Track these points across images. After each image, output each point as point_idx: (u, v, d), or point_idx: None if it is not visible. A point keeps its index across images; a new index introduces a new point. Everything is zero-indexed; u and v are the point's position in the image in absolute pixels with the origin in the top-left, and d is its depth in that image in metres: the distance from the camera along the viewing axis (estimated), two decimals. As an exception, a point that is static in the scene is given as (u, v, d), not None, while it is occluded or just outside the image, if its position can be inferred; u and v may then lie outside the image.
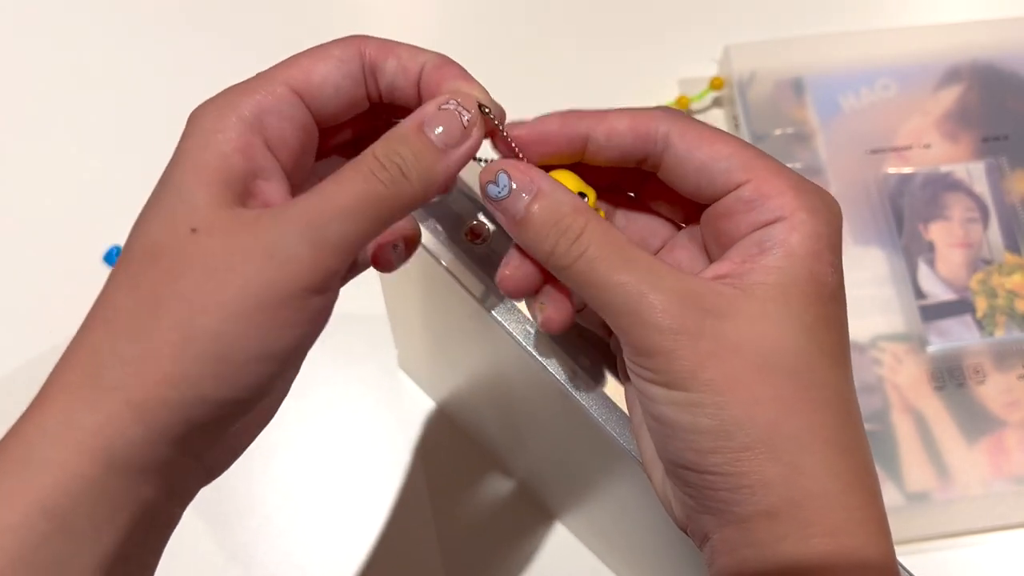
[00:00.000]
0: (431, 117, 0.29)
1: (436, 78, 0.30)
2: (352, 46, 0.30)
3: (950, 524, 0.56)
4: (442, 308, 0.43)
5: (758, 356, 0.27)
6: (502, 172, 0.29)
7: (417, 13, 0.76)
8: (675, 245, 0.33)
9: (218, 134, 0.28)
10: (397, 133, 0.29)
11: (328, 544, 0.56)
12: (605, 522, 0.50)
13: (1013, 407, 0.58)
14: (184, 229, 0.26)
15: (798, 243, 0.28)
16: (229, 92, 0.29)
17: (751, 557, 0.27)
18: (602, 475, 0.41)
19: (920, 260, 0.62)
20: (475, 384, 0.52)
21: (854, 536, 0.27)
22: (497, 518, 0.57)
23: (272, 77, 0.29)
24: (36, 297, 0.63)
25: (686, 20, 0.73)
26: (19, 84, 0.70)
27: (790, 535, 0.27)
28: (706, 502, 0.28)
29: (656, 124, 0.30)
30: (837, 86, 0.67)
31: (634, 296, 0.28)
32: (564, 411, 0.36)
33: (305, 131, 0.30)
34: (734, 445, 0.27)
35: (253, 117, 0.28)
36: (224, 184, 0.27)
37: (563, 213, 0.29)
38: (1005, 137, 0.66)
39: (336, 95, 0.30)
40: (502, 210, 0.30)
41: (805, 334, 0.28)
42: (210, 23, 0.73)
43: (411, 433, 0.59)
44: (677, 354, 0.27)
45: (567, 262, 0.29)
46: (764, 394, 0.27)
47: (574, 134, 0.30)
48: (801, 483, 0.27)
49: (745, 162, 0.29)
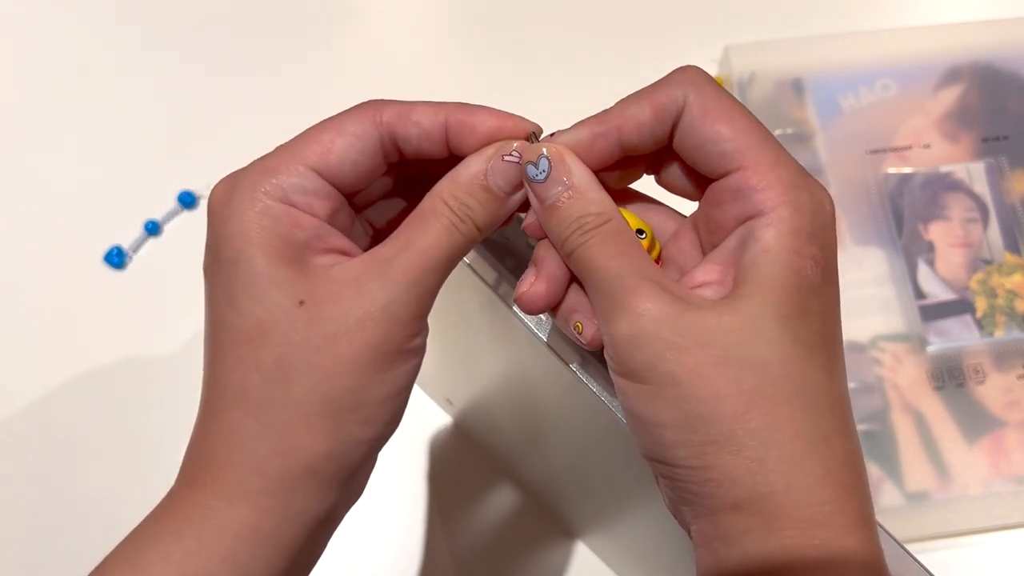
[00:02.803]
0: (494, 169, 0.30)
1: (467, 132, 0.31)
2: (367, 118, 0.30)
3: (950, 524, 0.56)
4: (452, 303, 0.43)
5: (723, 348, 0.27)
6: (544, 158, 0.30)
7: (418, 14, 0.76)
8: (681, 234, 0.33)
9: (266, 214, 0.29)
10: (463, 184, 0.30)
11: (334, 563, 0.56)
12: (633, 539, 0.48)
13: (1013, 407, 0.58)
14: (289, 303, 0.28)
15: (775, 239, 0.28)
16: (251, 171, 0.30)
17: (721, 550, 0.28)
18: (624, 479, 0.40)
19: (920, 260, 0.62)
20: (489, 389, 0.51)
21: (825, 529, 0.27)
22: (513, 536, 0.57)
23: (292, 156, 0.30)
24: (36, 297, 0.63)
25: (686, 20, 0.73)
26: (19, 84, 0.70)
27: (756, 528, 0.27)
28: (680, 494, 0.28)
29: (673, 95, 0.30)
30: (837, 86, 0.67)
31: (614, 278, 0.29)
32: (579, 405, 0.36)
33: (331, 199, 0.30)
34: (697, 439, 0.27)
35: (283, 195, 0.29)
36: (299, 257, 0.29)
37: (589, 213, 0.30)
38: (1005, 137, 0.66)
39: (354, 170, 0.30)
40: (534, 191, 0.30)
41: (780, 325, 0.28)
42: (210, 23, 0.73)
43: (422, 446, 0.58)
44: (639, 341, 0.28)
45: (573, 248, 0.30)
46: (727, 388, 0.27)
47: (607, 142, 0.31)
48: (765, 477, 0.27)
49: (742, 149, 0.29)
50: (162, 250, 0.65)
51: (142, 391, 0.60)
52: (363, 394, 0.29)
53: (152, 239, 0.65)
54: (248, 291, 0.29)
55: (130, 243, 0.64)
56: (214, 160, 0.66)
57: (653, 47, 0.71)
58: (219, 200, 0.30)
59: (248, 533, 0.28)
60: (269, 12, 0.73)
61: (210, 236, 0.30)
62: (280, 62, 0.71)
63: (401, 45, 0.74)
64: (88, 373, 0.60)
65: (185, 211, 0.66)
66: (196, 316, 0.61)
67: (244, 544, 0.28)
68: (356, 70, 0.71)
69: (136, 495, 0.31)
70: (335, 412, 0.29)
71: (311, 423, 0.28)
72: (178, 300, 0.63)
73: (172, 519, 0.29)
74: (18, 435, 0.59)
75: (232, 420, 0.29)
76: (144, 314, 0.63)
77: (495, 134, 0.30)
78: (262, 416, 0.28)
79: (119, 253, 0.63)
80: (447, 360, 0.53)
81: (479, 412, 0.56)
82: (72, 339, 0.61)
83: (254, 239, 0.29)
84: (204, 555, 0.28)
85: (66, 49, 0.71)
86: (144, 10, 0.73)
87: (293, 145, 0.30)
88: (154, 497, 0.30)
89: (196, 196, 0.66)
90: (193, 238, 0.65)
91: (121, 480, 0.57)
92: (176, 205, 0.66)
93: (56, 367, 0.60)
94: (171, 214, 0.65)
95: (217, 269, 0.29)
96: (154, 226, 0.65)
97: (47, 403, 0.59)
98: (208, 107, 0.69)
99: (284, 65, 0.71)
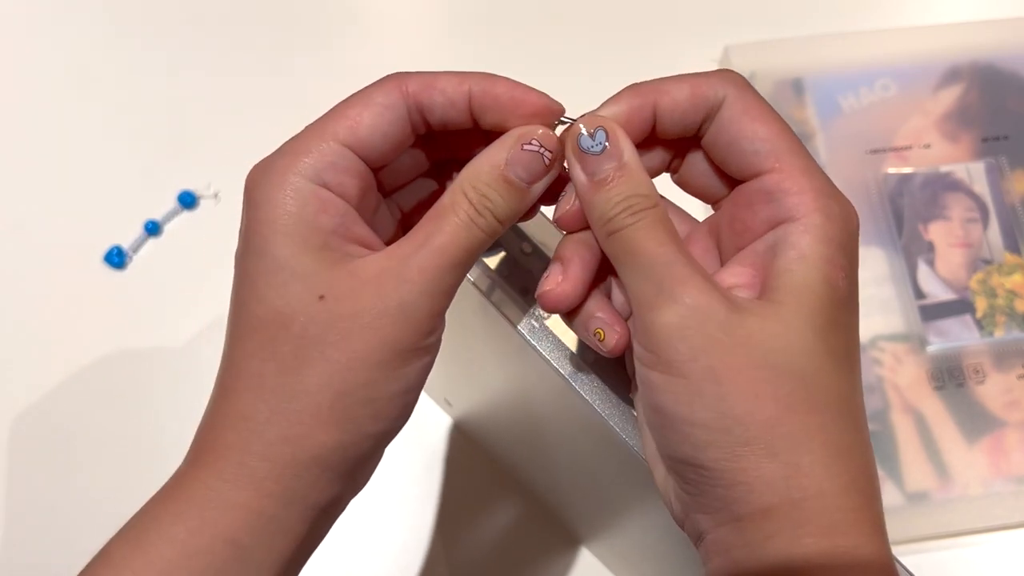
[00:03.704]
0: (514, 159, 0.30)
1: (490, 100, 0.30)
2: (393, 89, 0.30)
3: (950, 524, 0.56)
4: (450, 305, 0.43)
5: (764, 352, 0.27)
6: (602, 130, 0.30)
7: (418, 14, 0.76)
8: (693, 238, 0.33)
9: (295, 199, 0.29)
10: (483, 175, 0.30)
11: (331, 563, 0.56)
12: (636, 548, 0.48)
13: (1013, 407, 0.58)
14: (310, 297, 0.29)
15: (810, 246, 0.28)
16: (283, 154, 0.30)
17: (743, 558, 0.27)
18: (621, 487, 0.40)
19: (920, 260, 0.62)
20: (487, 391, 0.51)
21: (848, 537, 0.27)
22: (513, 540, 0.57)
23: (321, 133, 0.30)
24: (36, 297, 0.63)
25: (686, 20, 0.73)
26: (19, 84, 0.70)
27: (782, 533, 0.27)
28: (702, 499, 0.28)
29: (714, 87, 0.30)
30: (837, 86, 0.67)
31: (663, 265, 0.28)
32: (573, 412, 0.35)
33: (362, 177, 0.30)
34: (732, 440, 0.27)
35: (315, 175, 0.29)
36: (323, 246, 0.29)
37: (639, 193, 0.29)
38: (1005, 137, 0.66)
39: (384, 142, 0.30)
40: (584, 164, 0.30)
41: (815, 336, 0.28)
42: (210, 23, 0.73)
43: (422, 446, 0.59)
44: (684, 332, 0.27)
45: (618, 228, 0.29)
46: (765, 390, 0.27)
47: (641, 117, 0.30)
48: (799, 482, 0.27)
49: (778, 151, 0.29)
50: (162, 250, 0.65)
51: (142, 391, 0.60)
52: (375, 389, 0.29)
53: (152, 239, 0.65)
54: (271, 281, 0.29)
55: (130, 243, 0.64)
56: (214, 160, 0.67)
57: (653, 47, 0.71)
58: (253, 185, 0.30)
59: (251, 517, 0.29)
60: (269, 12, 0.73)
61: (242, 223, 0.30)
62: (280, 62, 0.71)
63: (401, 45, 0.74)
64: (88, 373, 0.60)
65: (185, 211, 0.66)
66: (196, 316, 0.62)
67: (247, 527, 0.29)
68: (356, 70, 0.71)
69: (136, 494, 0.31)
70: (347, 406, 0.29)
71: (322, 414, 0.29)
72: (178, 300, 0.63)
73: (176, 500, 0.29)
74: (18, 434, 0.59)
75: (244, 403, 0.29)
76: (144, 314, 0.63)
77: (517, 106, 0.30)
78: (274, 402, 0.29)
79: (119, 253, 0.63)
80: (445, 361, 0.52)
81: (478, 414, 0.56)
82: (72, 339, 0.61)
83: (281, 226, 0.29)
84: (207, 535, 0.28)
85: (66, 49, 0.71)
86: (144, 10, 0.73)
87: (322, 122, 0.30)
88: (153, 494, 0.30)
89: (196, 196, 0.66)
90: (193, 238, 0.65)
91: (120, 479, 0.57)
92: (176, 205, 0.66)
93: (56, 367, 0.60)
94: (171, 214, 0.65)
95: (245, 256, 0.30)
96: (154, 226, 0.65)
97: (47, 402, 0.59)
98: (208, 107, 0.69)
99: (284, 65, 0.71)
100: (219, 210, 0.66)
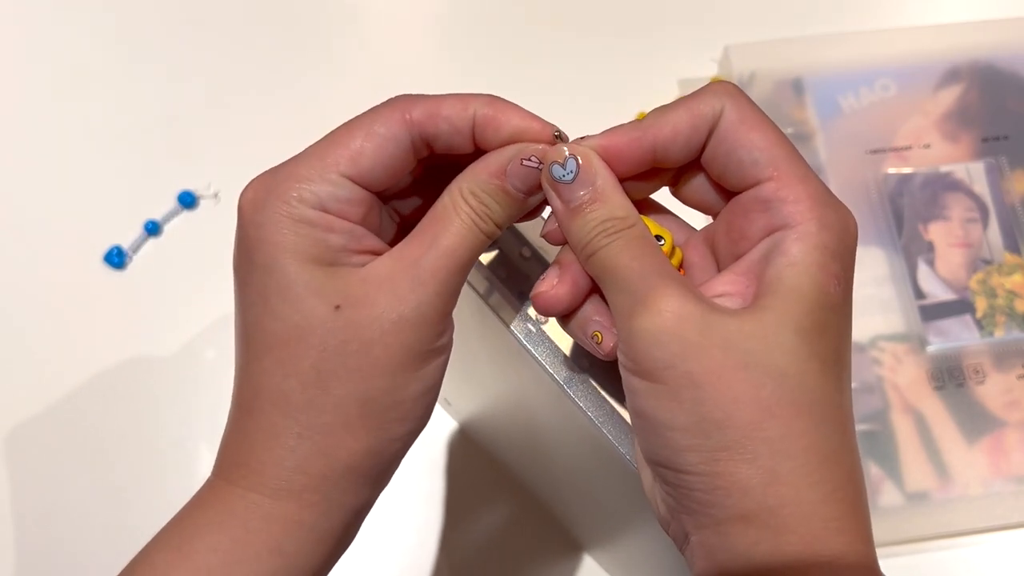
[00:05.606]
0: (513, 172, 0.30)
1: (492, 131, 0.31)
2: (396, 117, 0.30)
3: (950, 524, 0.56)
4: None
5: (743, 353, 0.27)
6: (573, 159, 0.30)
7: (418, 15, 0.76)
8: (691, 246, 0.33)
9: (302, 222, 0.29)
10: (482, 183, 0.30)
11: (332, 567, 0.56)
12: (636, 557, 0.47)
13: (1013, 407, 0.58)
14: (326, 309, 0.29)
15: (801, 253, 0.28)
16: (285, 178, 0.30)
17: (727, 561, 0.27)
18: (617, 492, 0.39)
19: (920, 260, 0.62)
20: (486, 393, 0.51)
21: (830, 545, 0.27)
22: (513, 543, 0.56)
23: (323, 162, 0.30)
24: (36, 297, 0.63)
25: (686, 20, 0.73)
26: (19, 84, 0.70)
27: (764, 541, 0.27)
28: (684, 502, 0.28)
29: (710, 102, 0.30)
30: (837, 86, 0.67)
31: (638, 276, 0.28)
32: (567, 417, 0.35)
33: (365, 203, 0.30)
34: (710, 444, 0.27)
35: (318, 203, 0.29)
36: (333, 261, 0.30)
37: (614, 216, 0.30)
38: (1005, 137, 0.66)
39: (386, 173, 0.30)
40: (559, 192, 0.30)
41: (798, 337, 0.27)
42: (210, 23, 0.73)
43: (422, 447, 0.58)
44: (659, 338, 0.27)
45: (595, 250, 0.30)
46: (745, 392, 0.27)
47: (641, 148, 0.30)
48: (777, 490, 0.26)
49: (775, 160, 0.29)
50: (162, 250, 0.65)
51: (142, 390, 0.60)
52: (399, 393, 0.30)
53: (152, 239, 0.65)
54: (284, 297, 0.29)
55: (130, 243, 0.64)
56: (214, 160, 0.67)
57: (653, 47, 0.71)
58: (252, 204, 0.30)
59: (292, 526, 0.30)
60: (269, 13, 0.73)
61: (242, 238, 0.30)
62: (280, 62, 0.71)
63: (401, 45, 0.74)
64: (88, 373, 0.60)
65: (185, 211, 0.66)
66: (196, 316, 0.62)
67: (289, 535, 0.30)
68: (356, 70, 0.71)
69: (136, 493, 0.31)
70: (373, 412, 0.30)
71: (351, 424, 0.29)
72: (178, 300, 0.63)
73: (214, 510, 0.30)
74: (18, 435, 0.59)
75: (272, 421, 0.30)
76: (144, 314, 0.63)
77: (520, 134, 0.30)
78: (303, 419, 0.29)
79: (119, 253, 0.63)
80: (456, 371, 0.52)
81: (477, 414, 0.56)
82: (72, 339, 0.61)
83: (289, 247, 0.29)
84: (251, 544, 0.29)
85: (66, 49, 0.71)
86: (144, 10, 0.73)
87: (323, 150, 0.30)
88: (154, 495, 0.30)
89: (196, 196, 0.66)
90: (193, 238, 0.65)
91: (121, 479, 0.57)
92: (176, 205, 0.66)
93: (56, 367, 0.60)
94: (171, 214, 0.65)
95: (250, 271, 0.30)
96: (154, 226, 0.65)
97: (47, 403, 0.59)
98: (208, 107, 0.69)
99: (284, 65, 0.71)
100: (219, 210, 0.66)
